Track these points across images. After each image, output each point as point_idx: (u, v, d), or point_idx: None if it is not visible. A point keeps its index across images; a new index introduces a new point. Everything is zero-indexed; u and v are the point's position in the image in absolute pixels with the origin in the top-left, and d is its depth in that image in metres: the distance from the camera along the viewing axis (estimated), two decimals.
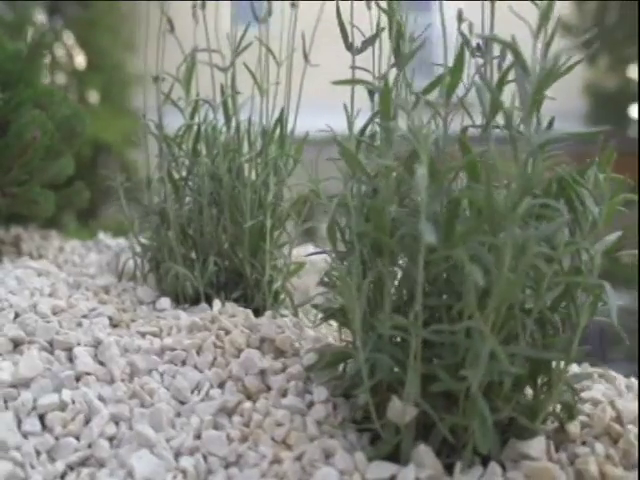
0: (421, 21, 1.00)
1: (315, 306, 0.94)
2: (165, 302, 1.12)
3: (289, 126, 1.24)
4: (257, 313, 1.13)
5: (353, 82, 0.88)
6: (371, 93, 0.97)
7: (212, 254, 1.16)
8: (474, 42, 0.91)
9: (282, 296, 1.25)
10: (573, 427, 0.81)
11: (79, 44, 5.50)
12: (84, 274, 1.22)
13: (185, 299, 1.17)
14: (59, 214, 1.64)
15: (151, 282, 1.23)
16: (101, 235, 1.63)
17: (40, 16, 5.20)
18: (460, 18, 0.87)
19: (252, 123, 1.24)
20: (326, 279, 0.95)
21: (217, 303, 1.10)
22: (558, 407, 0.83)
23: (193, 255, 1.20)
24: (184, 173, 1.23)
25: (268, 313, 1.07)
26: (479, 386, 0.73)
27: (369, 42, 1.01)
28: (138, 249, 1.25)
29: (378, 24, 1.00)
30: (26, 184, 1.32)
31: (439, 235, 0.73)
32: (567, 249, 0.76)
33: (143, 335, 0.99)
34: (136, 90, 6.79)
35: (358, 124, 0.94)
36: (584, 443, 0.81)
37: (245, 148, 1.23)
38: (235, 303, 1.14)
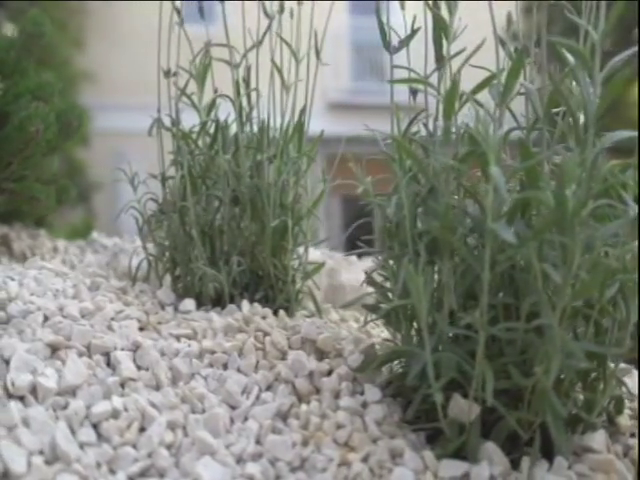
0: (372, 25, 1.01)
1: (368, 306, 0.93)
2: (190, 304, 1.08)
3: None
4: (278, 314, 1.11)
5: (409, 81, 0.88)
6: (413, 92, 0.97)
7: (234, 254, 1.13)
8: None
9: (300, 296, 1.23)
10: (623, 420, 0.84)
11: None
12: (97, 274, 1.16)
13: (206, 300, 1.13)
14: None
15: (166, 283, 1.18)
16: (95, 234, 1.56)
17: None
18: (509, 22, 0.89)
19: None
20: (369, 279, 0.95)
21: (246, 304, 1.07)
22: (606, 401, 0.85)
23: (212, 255, 1.16)
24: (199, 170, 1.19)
25: (300, 313, 1.05)
26: (539, 382, 0.75)
27: (405, 42, 1.02)
28: (150, 249, 1.20)
29: (413, 24, 1.01)
30: (24, 180, 1.24)
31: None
32: (626, 248, 0.78)
33: (178, 338, 0.95)
34: (84, 87, 6.56)
35: None
36: (633, 435, 0.83)
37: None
38: (258, 304, 1.12)
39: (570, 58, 0.90)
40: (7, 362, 0.77)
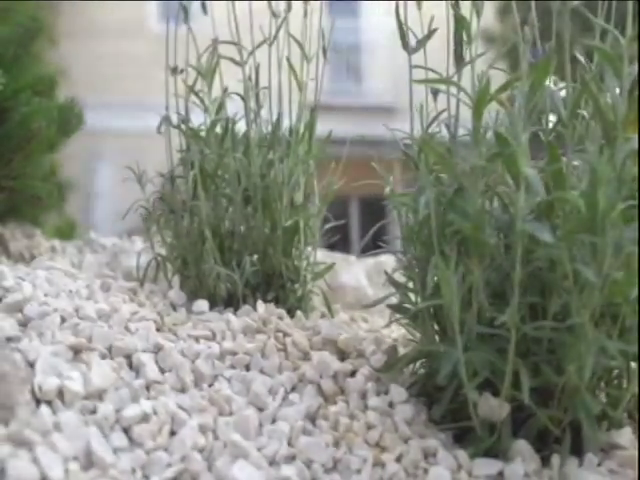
0: (348, 25, 1.02)
1: (393, 306, 0.93)
2: (203, 305, 1.06)
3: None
4: (290, 314, 1.10)
5: (433, 81, 0.88)
6: (435, 93, 0.97)
7: (246, 254, 1.12)
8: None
9: (310, 296, 1.22)
10: None
11: None
12: (105, 275, 1.13)
13: (218, 301, 1.11)
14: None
15: (174, 283, 1.16)
16: (92, 234, 1.52)
17: None
18: (528, 23, 0.90)
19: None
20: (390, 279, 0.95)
21: (261, 305, 1.06)
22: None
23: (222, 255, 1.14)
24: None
25: (316, 314, 1.04)
26: (570, 380, 0.76)
27: (423, 42, 1.02)
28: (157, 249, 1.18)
29: (430, 24, 1.01)
30: (24, 178, 1.21)
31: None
32: None
33: (197, 339, 0.93)
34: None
35: None
36: None
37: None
38: (270, 304, 1.11)
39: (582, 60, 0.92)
40: (32, 365, 0.74)
